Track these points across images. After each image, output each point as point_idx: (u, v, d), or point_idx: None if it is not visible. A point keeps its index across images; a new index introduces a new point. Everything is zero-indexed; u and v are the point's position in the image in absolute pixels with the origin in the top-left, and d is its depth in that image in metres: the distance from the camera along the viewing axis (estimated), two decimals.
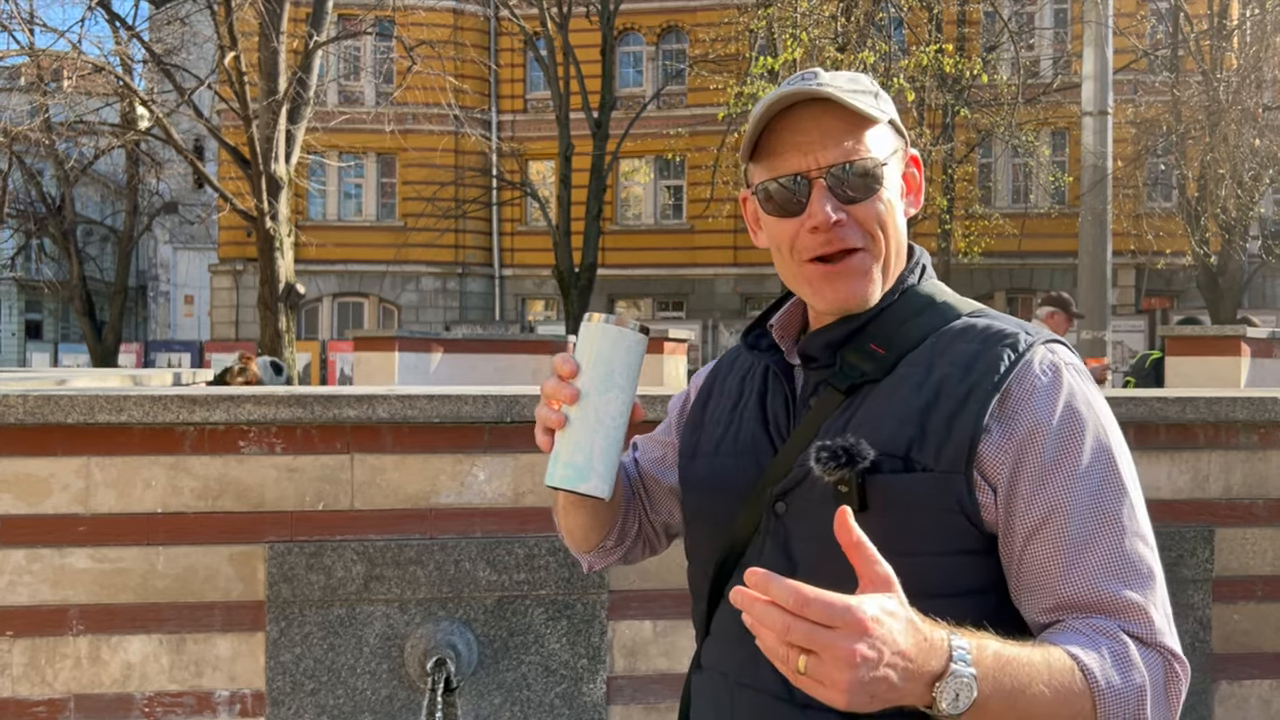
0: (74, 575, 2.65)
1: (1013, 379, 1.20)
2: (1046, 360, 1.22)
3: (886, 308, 1.30)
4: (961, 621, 1.16)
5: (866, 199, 1.26)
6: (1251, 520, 2.97)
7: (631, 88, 25.37)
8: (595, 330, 1.25)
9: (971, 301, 1.35)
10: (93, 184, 29.53)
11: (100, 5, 12.49)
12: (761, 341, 1.41)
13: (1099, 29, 11.53)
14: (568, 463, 1.23)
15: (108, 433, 2.65)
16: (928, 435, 1.19)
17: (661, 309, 26.22)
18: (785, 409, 1.33)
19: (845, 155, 1.25)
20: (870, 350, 1.27)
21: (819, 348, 1.31)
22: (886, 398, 1.24)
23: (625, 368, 1.24)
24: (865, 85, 1.31)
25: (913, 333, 1.28)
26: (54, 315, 34.14)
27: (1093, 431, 1.19)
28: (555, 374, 1.25)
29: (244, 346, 22.89)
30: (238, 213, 12.53)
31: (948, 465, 1.18)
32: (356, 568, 2.72)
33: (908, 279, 1.33)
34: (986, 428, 1.18)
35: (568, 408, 1.23)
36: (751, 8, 14.31)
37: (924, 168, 1.35)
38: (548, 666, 2.79)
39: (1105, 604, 1.14)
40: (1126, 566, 1.15)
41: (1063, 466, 1.17)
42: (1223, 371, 7.95)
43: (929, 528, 1.18)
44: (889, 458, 1.18)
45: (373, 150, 25.01)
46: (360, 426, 2.73)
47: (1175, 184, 18.98)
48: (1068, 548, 1.16)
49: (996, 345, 1.23)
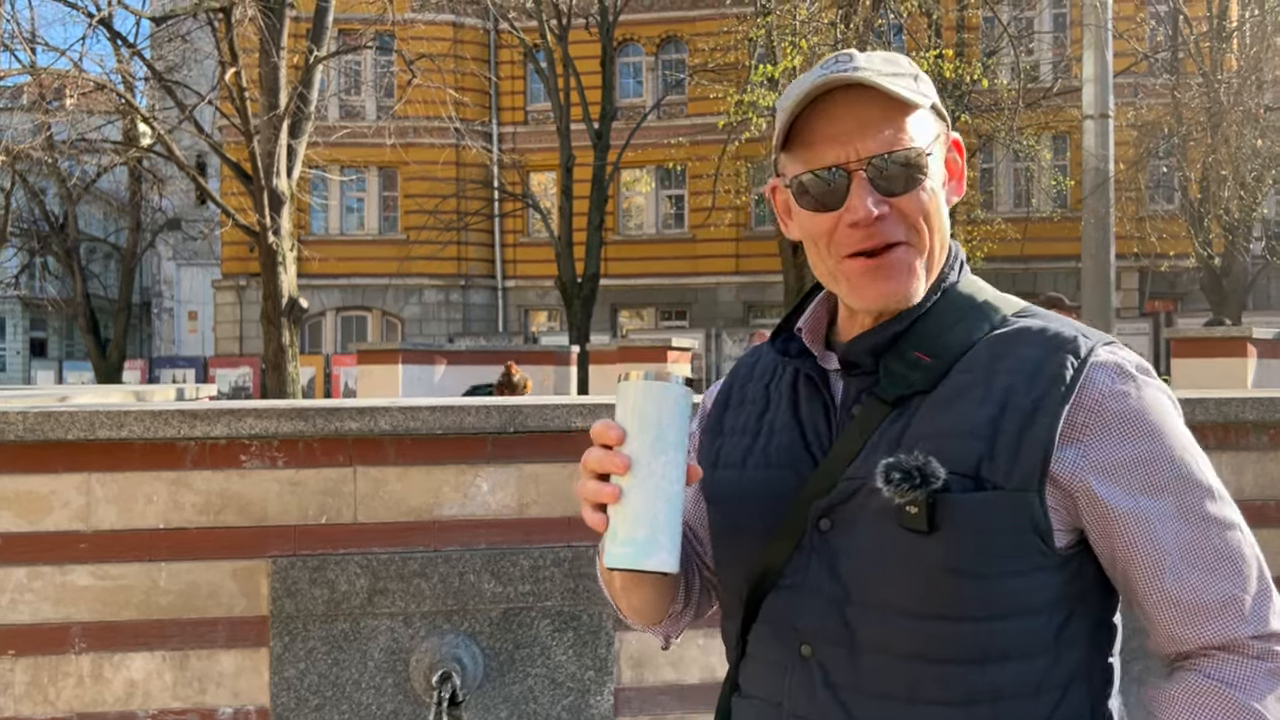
0: (76, 593, 2.63)
1: (1079, 389, 1.14)
2: (1110, 363, 1.16)
3: (929, 310, 1.23)
4: (1037, 642, 1.15)
5: (910, 191, 1.18)
6: (1264, 521, 2.94)
7: (632, 98, 25.42)
8: (638, 389, 1.15)
9: (1013, 299, 1.28)
10: (96, 201, 29.60)
11: (101, 24, 12.53)
12: (791, 346, 1.32)
13: (1099, 32, 11.52)
14: (628, 539, 1.12)
15: (108, 448, 2.63)
16: (997, 451, 1.13)
17: (664, 318, 26.21)
18: (825, 419, 1.25)
19: (886, 145, 1.17)
20: (915, 358, 1.20)
21: (863, 353, 1.23)
22: (944, 410, 1.16)
23: (676, 426, 1.13)
24: (904, 67, 1.22)
25: (961, 338, 1.20)
26: (58, 333, 34.20)
27: (1167, 435, 1.15)
28: (598, 442, 1.14)
29: (248, 362, 22.95)
30: (240, 228, 12.54)
31: (1020, 483, 1.12)
32: (360, 581, 2.70)
33: (948, 277, 1.26)
34: (1059, 443, 1.13)
35: (619, 479, 1.12)
36: (750, 16, 14.33)
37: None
38: (554, 679, 2.76)
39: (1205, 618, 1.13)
40: (1240, 584, 1.13)
41: (1137, 479, 1.14)
42: (1229, 373, 7.93)
43: (1000, 548, 1.13)
44: (958, 477, 1.12)
45: (374, 164, 25.06)
46: (362, 439, 2.71)
47: (1177, 186, 18.97)
48: (1156, 566, 1.14)
49: (1058, 351, 1.16)
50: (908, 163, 1.18)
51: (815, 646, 1.19)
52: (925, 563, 1.12)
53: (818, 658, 1.19)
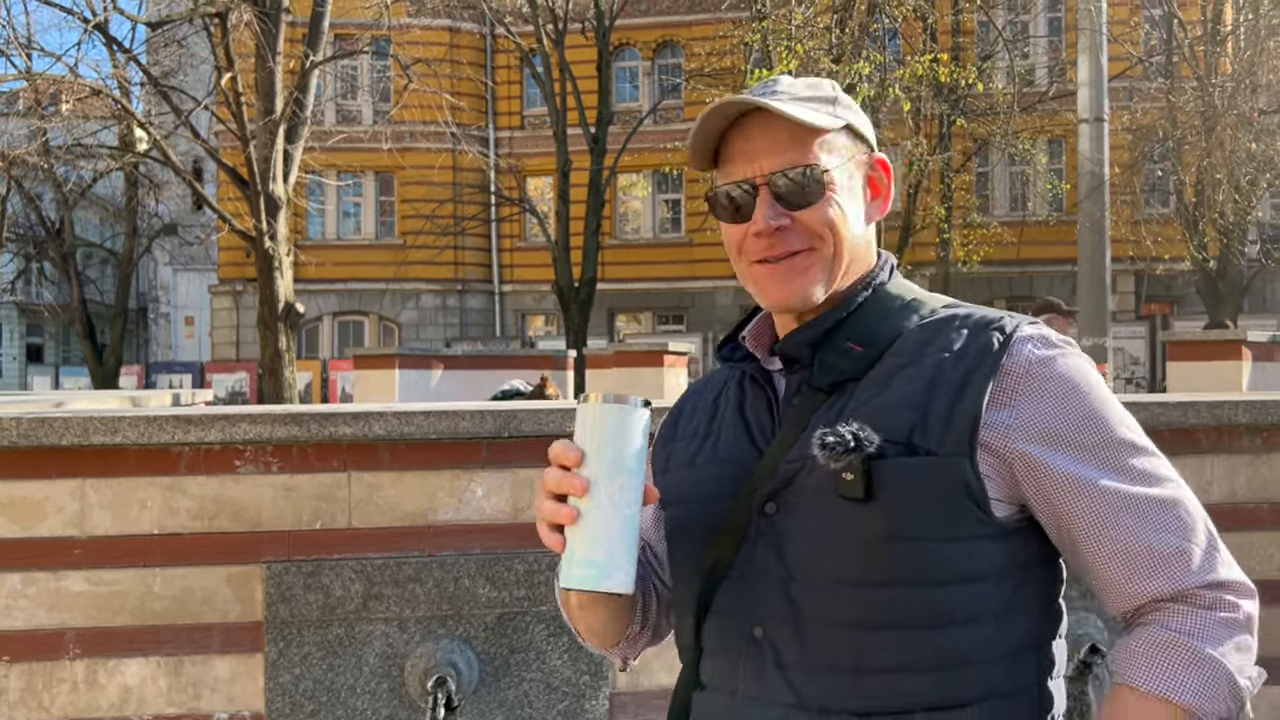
0: (70, 598, 2.63)
1: (1006, 359, 1.21)
2: (1036, 334, 1.24)
3: (860, 306, 1.31)
4: (971, 609, 1.18)
5: (811, 205, 1.27)
6: (1257, 524, 2.95)
7: (628, 103, 25.45)
8: (596, 412, 1.16)
9: (942, 296, 1.35)
10: (92, 207, 29.57)
11: (97, 29, 12.53)
12: (735, 353, 1.40)
13: (1093, 36, 11.55)
14: (586, 560, 1.14)
15: (103, 454, 2.63)
16: (929, 420, 1.18)
17: (662, 322, 26.22)
18: (769, 413, 1.32)
19: (788, 163, 1.27)
20: (848, 348, 1.27)
21: (798, 347, 1.30)
22: (877, 390, 1.23)
23: (634, 449, 1.15)
24: (823, 92, 1.32)
25: (890, 328, 1.29)
26: (55, 338, 34.16)
27: (1093, 397, 1.21)
28: (557, 463, 1.17)
29: (245, 367, 22.94)
30: (236, 233, 12.53)
31: (951, 449, 1.17)
32: (355, 586, 2.70)
33: (878, 276, 1.34)
34: (987, 409, 1.18)
35: (576, 500, 1.15)
36: (746, 21, 14.35)
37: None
38: (549, 683, 2.77)
39: (1151, 569, 1.16)
40: (1183, 536, 1.17)
41: (1078, 443, 1.19)
42: (1224, 376, 7.94)
43: (936, 513, 1.17)
44: (892, 444, 1.17)
45: (371, 169, 25.06)
46: (357, 444, 2.71)
47: (1173, 189, 19.00)
48: (1100, 524, 1.17)
49: (985, 330, 1.24)
50: (806, 179, 1.27)
51: (765, 627, 1.23)
52: (864, 531, 1.17)
53: (768, 637, 1.22)
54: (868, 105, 11.49)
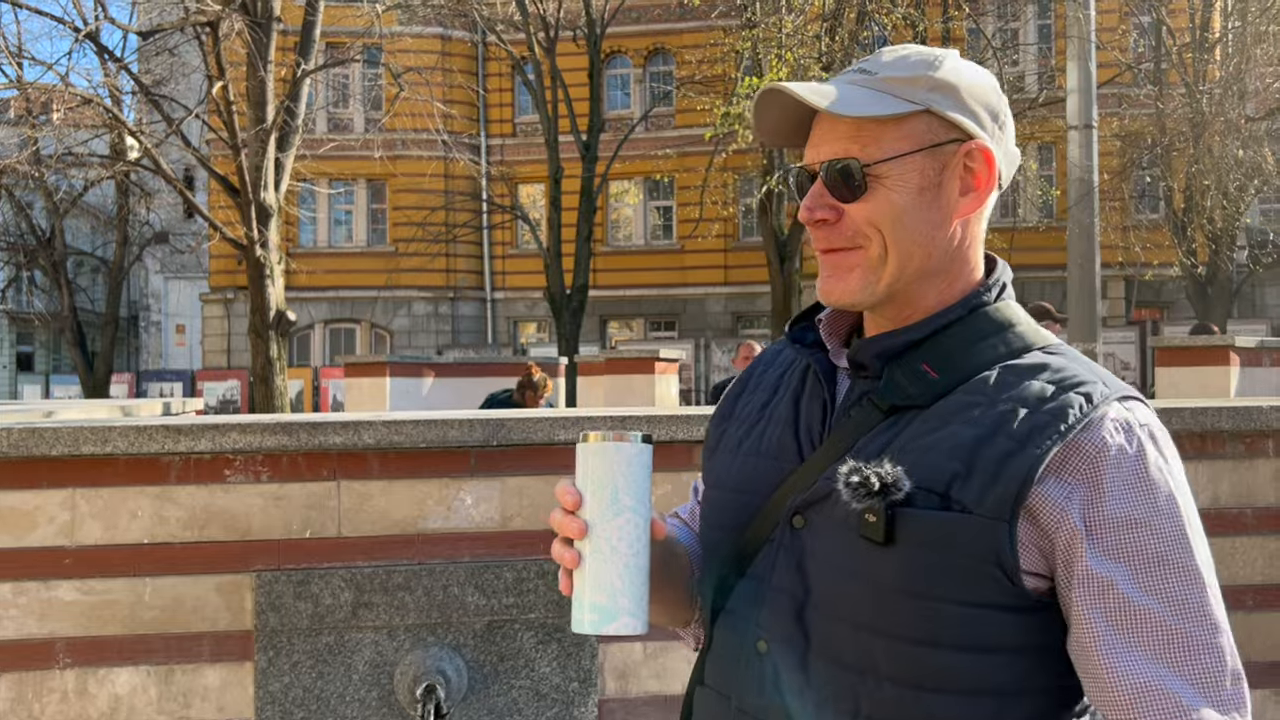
0: (60, 608, 2.64)
1: (1081, 430, 1.07)
2: (1123, 418, 1.09)
3: (951, 325, 1.19)
4: (979, 681, 1.09)
5: (857, 198, 1.18)
6: (1240, 529, 2.98)
7: (620, 110, 25.49)
8: (591, 452, 1.14)
9: (1049, 335, 1.23)
10: (83, 215, 29.54)
11: (88, 38, 12.52)
12: (807, 336, 1.30)
13: (1082, 44, 11.61)
14: (592, 605, 1.12)
15: (93, 464, 2.64)
16: (974, 473, 1.07)
17: (654, 329, 26.24)
18: (821, 415, 1.23)
19: (834, 153, 1.19)
20: (921, 371, 1.17)
21: (871, 356, 1.20)
22: (935, 426, 1.12)
23: (632, 486, 1.12)
24: (915, 70, 1.19)
25: (975, 359, 1.17)
26: (45, 347, 34.07)
27: (1166, 504, 1.07)
28: (560, 505, 1.14)
29: (236, 375, 22.89)
30: (228, 241, 12.53)
31: (991, 511, 1.06)
32: (344, 595, 2.71)
33: (981, 296, 1.21)
34: (1042, 478, 1.06)
35: (579, 543, 1.12)
36: (736, 29, 14.40)
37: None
38: (538, 690, 2.78)
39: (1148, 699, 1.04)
40: (1199, 672, 1.04)
41: (1128, 546, 1.06)
42: (1213, 381, 7.98)
43: (957, 574, 1.07)
44: (925, 492, 1.08)
45: (362, 176, 25.07)
46: (346, 453, 2.72)
47: (1162, 196, 19.09)
48: (1128, 642, 1.05)
49: (1070, 390, 1.11)
50: (847, 171, 1.17)
51: (771, 644, 1.18)
52: (877, 576, 1.10)
53: (772, 655, 1.18)
54: None
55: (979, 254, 1.25)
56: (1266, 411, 2.94)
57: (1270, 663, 2.98)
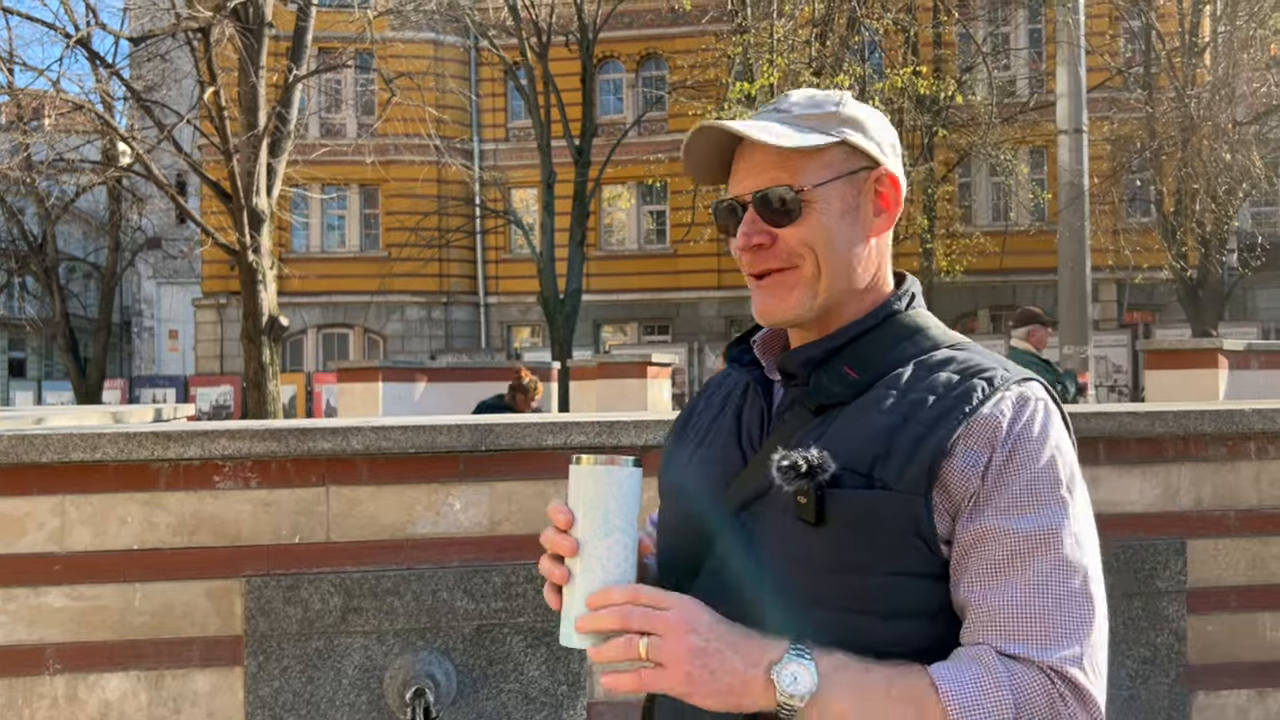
0: (50, 614, 2.65)
1: (983, 410, 1.21)
2: (1019, 395, 1.24)
3: (867, 331, 1.33)
4: (904, 644, 1.19)
5: (790, 224, 1.31)
6: (1223, 531, 3.00)
7: (612, 115, 25.52)
8: (583, 475, 1.21)
9: (957, 335, 1.36)
10: (75, 221, 29.47)
11: (80, 44, 12.51)
12: (744, 357, 1.44)
13: (1071, 49, 11.68)
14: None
15: (83, 470, 2.65)
16: (892, 454, 1.20)
17: (647, 333, 26.27)
18: (760, 423, 1.35)
19: (766, 182, 1.31)
20: (843, 373, 1.30)
21: (797, 364, 1.34)
22: (857, 418, 1.26)
23: (622, 508, 1.19)
24: (826, 108, 1.34)
25: (890, 358, 1.30)
26: (37, 353, 33.97)
27: (1046, 457, 1.21)
28: (551, 524, 1.23)
29: (229, 381, 22.86)
30: (220, 247, 12.52)
31: (909, 486, 1.19)
32: (334, 600, 2.72)
33: (893, 304, 1.35)
34: (951, 451, 1.19)
35: (570, 560, 1.20)
36: (728, 34, 14.44)
37: (904, 188, 1.38)
38: (527, 694, 2.79)
39: (1002, 629, 1.15)
40: (1045, 592, 1.16)
41: (1005, 490, 1.19)
42: (1201, 384, 8.02)
43: (883, 547, 1.19)
44: (851, 474, 1.20)
45: (355, 181, 25.06)
46: (335, 459, 2.74)
47: (1152, 199, 19.15)
48: (991, 569, 1.18)
49: (973, 378, 1.25)
50: (783, 200, 1.30)
51: None
52: (813, 554, 1.20)
53: None
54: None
55: (889, 268, 1.39)
56: (1248, 414, 2.97)
57: (1255, 663, 3.01)
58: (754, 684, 1.10)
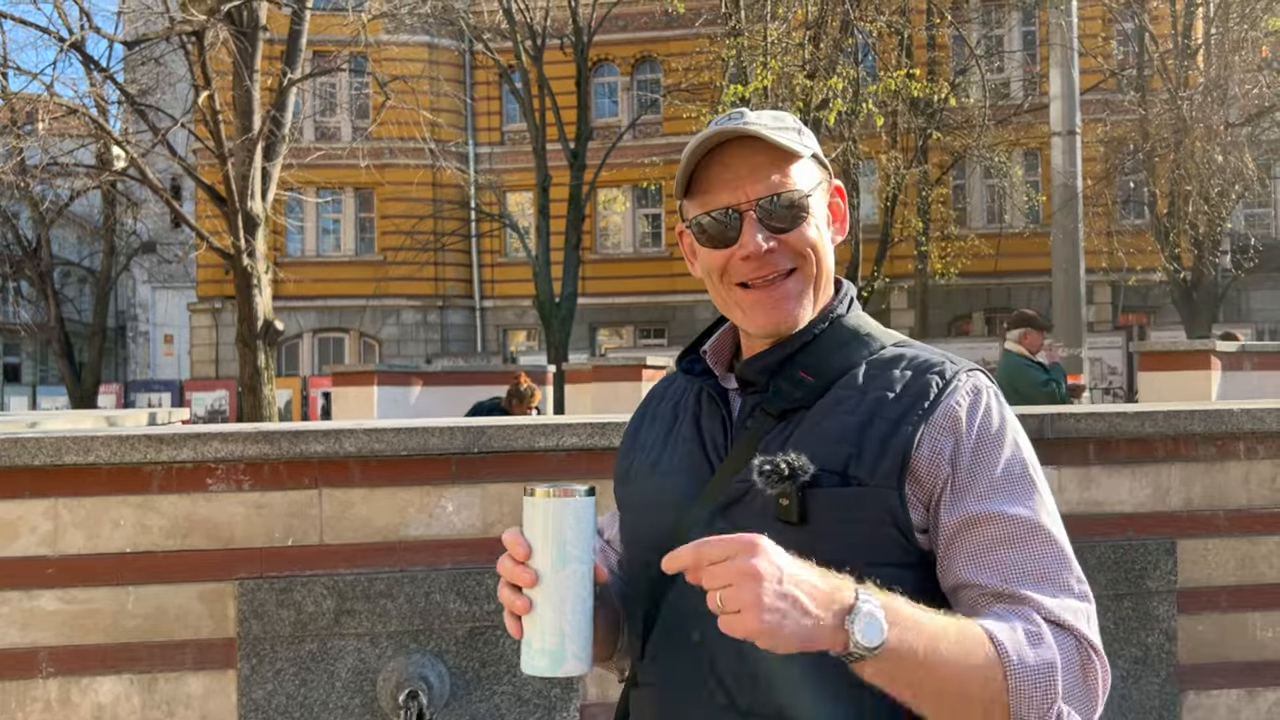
0: (43, 617, 2.65)
1: (941, 401, 1.30)
2: (970, 384, 1.33)
3: (817, 336, 1.39)
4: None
5: (795, 227, 1.35)
6: (1213, 531, 3.01)
7: (607, 118, 25.55)
8: (538, 506, 1.22)
9: (894, 333, 1.44)
10: (69, 225, 29.44)
11: (73, 48, 12.51)
12: (695, 367, 1.47)
13: (1064, 52, 11.71)
14: (541, 649, 1.21)
15: (75, 474, 2.66)
16: (864, 452, 1.27)
17: (643, 336, 26.29)
18: (722, 430, 1.39)
19: (772, 188, 1.34)
20: (800, 378, 1.35)
21: (755, 372, 1.38)
22: (822, 420, 1.31)
23: (578, 537, 1.21)
24: (789, 123, 1.40)
25: (841, 361, 1.36)
26: (32, 358, 33.91)
27: (1010, 444, 1.31)
28: (509, 554, 1.24)
29: (224, 385, 22.84)
30: (215, 251, 12.52)
31: (882, 480, 1.26)
32: (327, 602, 2.73)
33: (836, 309, 1.42)
34: (918, 444, 1.27)
35: (529, 591, 1.22)
36: (722, 37, 14.47)
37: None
38: (520, 696, 2.80)
39: (1022, 596, 1.21)
40: (1043, 564, 1.23)
41: (981, 476, 1.27)
42: (1194, 385, 8.04)
43: (863, 540, 1.25)
44: (828, 473, 1.26)
45: (350, 185, 25.06)
46: (328, 461, 2.74)
47: (1146, 201, 19.20)
48: (988, 548, 1.24)
49: (926, 373, 1.33)
50: (792, 204, 1.35)
51: (705, 633, 1.26)
52: (798, 553, 1.19)
53: (707, 643, 1.28)
54: (842, 120, 11.59)
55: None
56: (1237, 414, 2.98)
57: (1244, 663, 3.02)
58: (825, 631, 1.10)
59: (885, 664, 1.11)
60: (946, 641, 1.13)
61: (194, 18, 11.65)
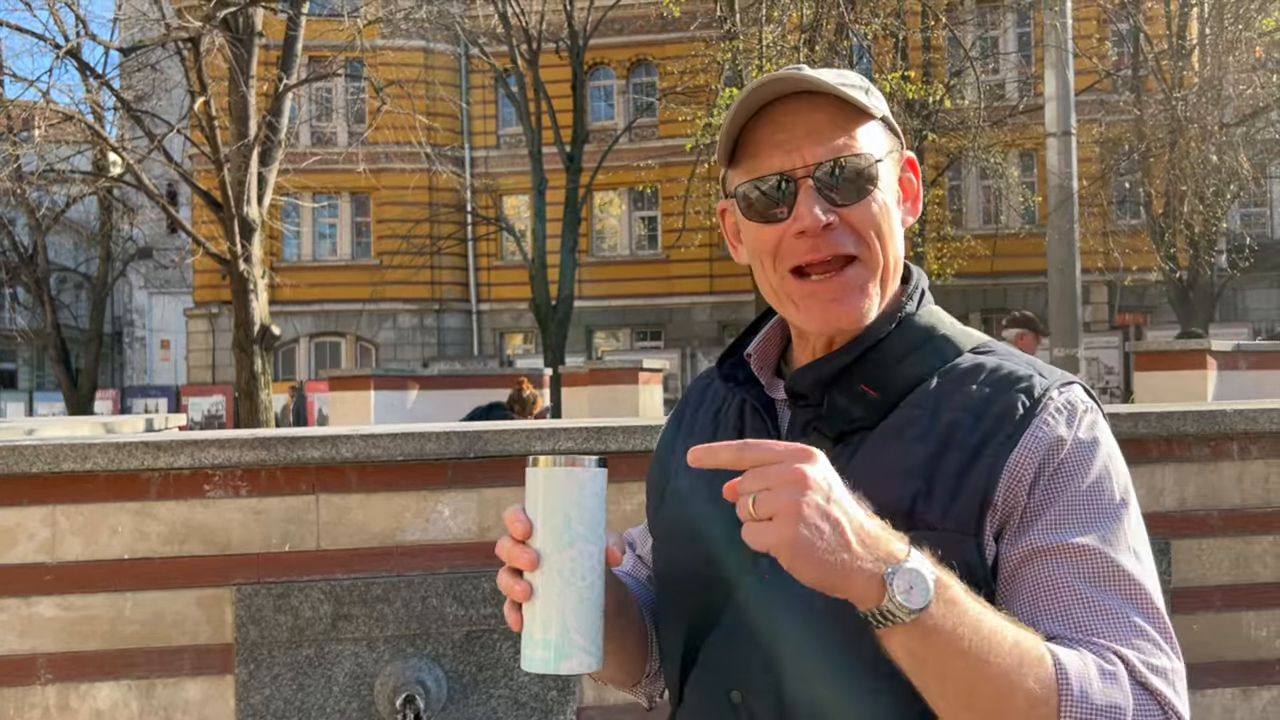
0: (41, 624, 2.65)
1: (1029, 426, 1.07)
2: (1063, 403, 1.10)
3: (881, 341, 1.16)
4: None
5: (859, 201, 1.12)
6: (1207, 531, 3.02)
7: (603, 121, 25.58)
8: (540, 477, 1.06)
9: (975, 333, 1.21)
10: (66, 231, 29.43)
11: (69, 54, 12.51)
12: (738, 373, 1.25)
13: (1059, 53, 11.73)
14: (542, 641, 1.04)
15: (73, 480, 2.66)
16: (934, 491, 1.06)
17: (639, 338, 26.30)
18: None
19: (835, 152, 1.11)
20: (860, 391, 1.14)
21: (809, 385, 1.17)
22: (886, 447, 1.10)
23: (585, 513, 1.04)
24: (855, 80, 1.15)
25: (911, 372, 1.14)
26: (29, 364, 33.89)
27: (1098, 467, 1.08)
28: (508, 533, 1.06)
29: (221, 390, 22.85)
30: (211, 256, 12.52)
31: (956, 525, 1.05)
32: (324, 607, 2.73)
33: (905, 306, 1.19)
34: (999, 482, 1.06)
35: (529, 575, 1.04)
36: (717, 40, 14.48)
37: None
38: (517, 699, 2.81)
39: (1095, 645, 1.01)
40: (1124, 611, 1.03)
41: (1057, 501, 1.06)
42: (1190, 385, 8.06)
43: None
44: (889, 514, 1.01)
45: (346, 190, 25.08)
46: (325, 467, 2.75)
47: (1141, 201, 19.24)
48: (1053, 587, 1.04)
49: (1010, 390, 1.10)
50: (858, 171, 1.11)
51: (745, 693, 1.13)
52: (849, 609, 0.98)
53: (746, 704, 1.13)
54: None
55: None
56: (1230, 415, 2.99)
57: (1238, 662, 3.03)
58: (859, 576, 0.92)
59: (917, 638, 0.93)
60: (998, 641, 0.95)
61: (190, 24, 11.66)
